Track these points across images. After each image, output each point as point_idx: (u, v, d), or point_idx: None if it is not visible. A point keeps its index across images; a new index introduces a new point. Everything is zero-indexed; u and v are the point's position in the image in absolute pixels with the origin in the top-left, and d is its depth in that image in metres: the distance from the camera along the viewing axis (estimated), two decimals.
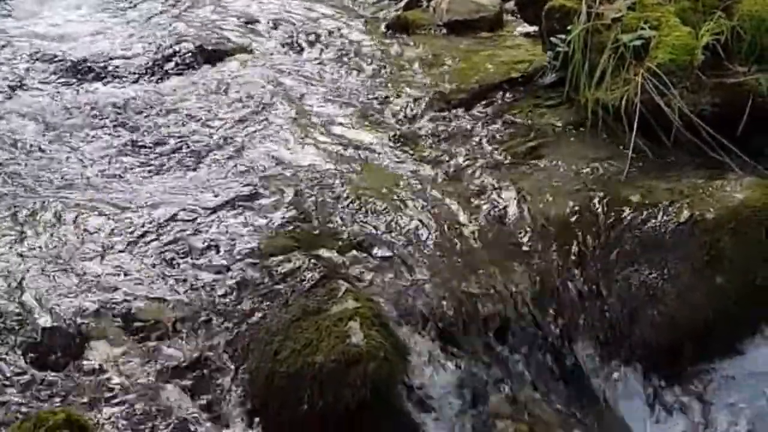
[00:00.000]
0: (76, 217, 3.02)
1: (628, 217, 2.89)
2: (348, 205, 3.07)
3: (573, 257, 2.87)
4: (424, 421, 2.60)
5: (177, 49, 4.10)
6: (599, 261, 2.86)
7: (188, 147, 3.44)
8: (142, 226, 2.98)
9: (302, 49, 4.14)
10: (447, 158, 3.31)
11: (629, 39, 3.26)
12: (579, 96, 3.40)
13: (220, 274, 2.76)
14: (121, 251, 2.87)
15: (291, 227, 2.96)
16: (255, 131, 3.49)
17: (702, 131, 3.11)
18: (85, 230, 2.97)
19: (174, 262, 2.82)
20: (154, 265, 2.81)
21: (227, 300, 2.69)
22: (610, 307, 2.80)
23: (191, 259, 2.83)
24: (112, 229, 2.97)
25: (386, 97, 3.70)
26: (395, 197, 3.11)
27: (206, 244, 2.88)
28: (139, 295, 2.71)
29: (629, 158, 3.10)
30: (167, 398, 2.46)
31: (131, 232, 2.96)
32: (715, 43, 3.19)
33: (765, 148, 3.20)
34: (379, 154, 3.36)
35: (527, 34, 4.05)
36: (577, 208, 2.98)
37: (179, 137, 3.49)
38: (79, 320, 2.63)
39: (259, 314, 2.63)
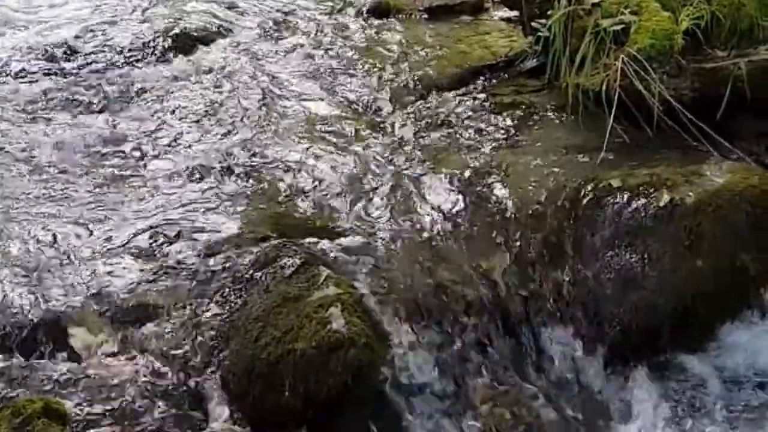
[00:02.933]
0: (55, 204, 3.01)
1: (609, 202, 2.89)
2: (329, 191, 3.07)
3: (553, 242, 2.88)
4: (406, 407, 2.60)
5: (157, 36, 4.07)
6: (579, 245, 2.86)
7: (168, 133, 3.42)
8: (121, 213, 2.96)
9: (283, 34, 4.12)
10: (428, 143, 3.31)
11: (609, 24, 3.26)
12: (560, 81, 3.40)
13: (200, 261, 2.74)
14: (100, 239, 2.86)
15: (272, 214, 2.95)
16: (234, 118, 3.48)
17: (682, 116, 3.11)
18: (64, 218, 2.95)
19: (153, 249, 2.81)
20: (133, 252, 2.80)
21: (207, 287, 2.67)
22: (589, 292, 2.81)
23: (170, 246, 2.81)
24: (91, 217, 2.95)
25: (367, 82, 3.69)
26: (376, 183, 3.10)
27: (185, 231, 2.87)
28: (119, 282, 2.69)
29: (605, 143, 3.10)
30: (146, 386, 2.45)
31: (110, 219, 2.94)
32: (695, 28, 3.20)
33: (744, 132, 3.22)
34: (359, 139, 3.35)
35: (508, 19, 4.04)
36: (557, 192, 2.98)
37: (158, 124, 3.47)
38: (58, 308, 2.61)
39: (240, 301, 2.62)
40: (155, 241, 2.84)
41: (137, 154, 3.31)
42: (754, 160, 3.15)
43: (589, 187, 2.95)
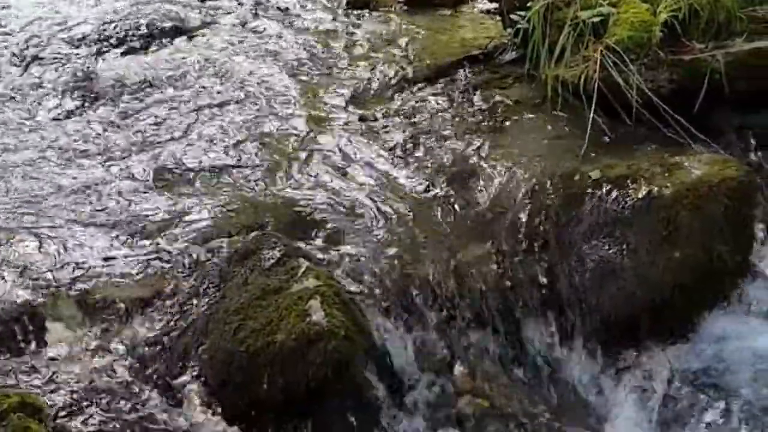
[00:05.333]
0: (32, 198, 2.98)
1: (588, 193, 2.91)
2: (308, 183, 3.06)
3: (532, 233, 2.89)
4: (386, 399, 2.60)
5: (134, 27, 4.05)
6: (558, 237, 2.88)
7: (145, 124, 3.40)
8: (99, 207, 2.94)
9: (261, 26, 4.10)
10: (408, 135, 3.31)
11: (588, 16, 3.27)
12: (539, 73, 3.41)
13: (179, 254, 2.73)
14: (77, 231, 2.84)
15: (251, 206, 2.94)
16: (211, 111, 3.46)
17: (660, 108, 3.13)
18: (42, 212, 2.93)
19: (132, 242, 2.79)
20: (111, 245, 2.78)
21: (186, 280, 2.66)
22: (568, 283, 2.82)
23: (149, 238, 2.80)
24: (70, 210, 2.93)
25: (346, 74, 3.68)
26: (355, 174, 3.10)
27: (164, 223, 2.86)
28: (96, 276, 2.68)
29: (587, 135, 3.11)
30: (124, 380, 2.44)
31: (88, 211, 2.92)
32: (673, 20, 3.21)
33: (722, 124, 3.24)
34: (340, 130, 3.35)
35: (488, 11, 4.05)
36: (536, 184, 2.99)
37: (137, 115, 3.45)
38: (35, 302, 2.59)
39: (219, 293, 2.61)
40: (134, 234, 2.82)
41: (113, 147, 3.29)
42: (732, 152, 3.17)
43: (568, 179, 2.96)
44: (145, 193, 3.01)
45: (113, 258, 2.74)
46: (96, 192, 3.02)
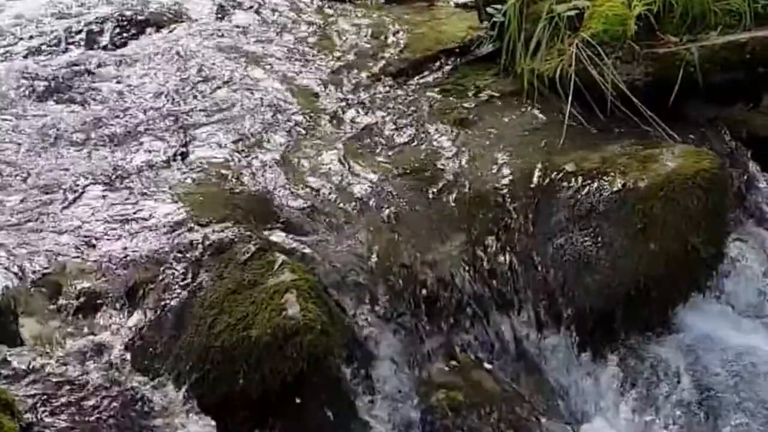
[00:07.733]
0: (6, 188, 2.96)
1: (563, 186, 2.92)
2: (285, 176, 3.05)
3: (508, 225, 2.90)
4: (363, 393, 2.60)
5: (110, 19, 4.02)
6: (534, 229, 2.89)
7: (125, 115, 3.38)
8: (74, 197, 2.92)
9: (237, 18, 4.09)
10: (383, 128, 3.31)
11: (563, 9, 3.28)
12: (515, 66, 3.41)
13: (153, 248, 2.71)
14: (50, 223, 2.82)
15: (227, 199, 2.92)
16: (186, 103, 3.45)
17: (634, 102, 3.14)
18: (13, 205, 2.90)
19: (106, 234, 2.77)
20: (85, 237, 2.76)
21: (161, 274, 2.64)
22: (544, 275, 2.83)
23: (124, 230, 2.78)
24: (43, 200, 2.91)
25: (321, 67, 3.67)
26: (332, 168, 3.09)
27: (139, 215, 2.84)
28: (69, 270, 2.65)
29: (565, 128, 3.12)
30: (99, 375, 2.42)
31: (62, 203, 2.90)
32: (648, 13, 3.23)
33: (696, 116, 3.26)
34: (316, 123, 3.34)
35: (464, 5, 4.06)
36: (512, 177, 3.00)
37: (117, 107, 3.43)
38: (7, 297, 2.57)
39: (194, 288, 2.59)
40: (108, 227, 2.80)
41: (87, 140, 3.27)
42: (706, 144, 3.19)
43: (544, 172, 2.97)
44: (119, 186, 2.99)
45: (87, 252, 2.72)
46: (69, 186, 2.99)
